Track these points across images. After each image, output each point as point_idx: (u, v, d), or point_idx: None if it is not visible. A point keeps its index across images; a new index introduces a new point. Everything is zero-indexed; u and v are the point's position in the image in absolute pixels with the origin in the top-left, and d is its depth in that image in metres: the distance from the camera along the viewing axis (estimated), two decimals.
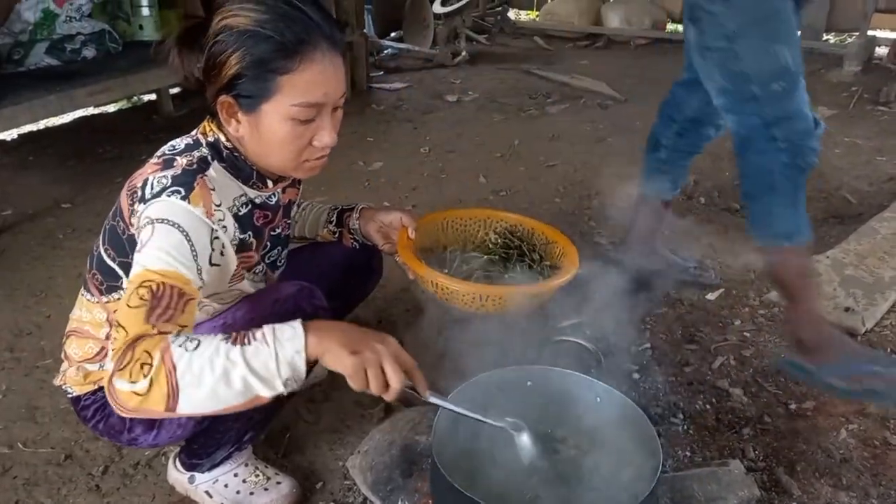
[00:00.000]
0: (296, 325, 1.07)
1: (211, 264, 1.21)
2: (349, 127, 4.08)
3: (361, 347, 1.07)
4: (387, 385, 1.08)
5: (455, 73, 5.53)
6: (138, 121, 4.39)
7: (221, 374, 1.02)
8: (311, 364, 1.08)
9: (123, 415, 1.07)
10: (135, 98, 4.76)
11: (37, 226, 2.97)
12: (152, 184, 1.19)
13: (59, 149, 3.89)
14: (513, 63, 5.79)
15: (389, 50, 6.01)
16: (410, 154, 3.80)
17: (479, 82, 5.26)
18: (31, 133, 4.14)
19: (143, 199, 1.18)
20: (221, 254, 1.26)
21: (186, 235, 1.15)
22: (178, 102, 4.53)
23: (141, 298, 1.08)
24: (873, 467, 1.62)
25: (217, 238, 1.23)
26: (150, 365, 1.02)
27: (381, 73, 5.50)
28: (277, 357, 1.04)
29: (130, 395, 1.02)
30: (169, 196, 1.16)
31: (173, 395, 1.02)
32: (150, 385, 1.01)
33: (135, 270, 1.12)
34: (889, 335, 2.09)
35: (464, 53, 5.90)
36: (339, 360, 1.07)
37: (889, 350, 2.03)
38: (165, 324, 1.08)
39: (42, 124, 4.18)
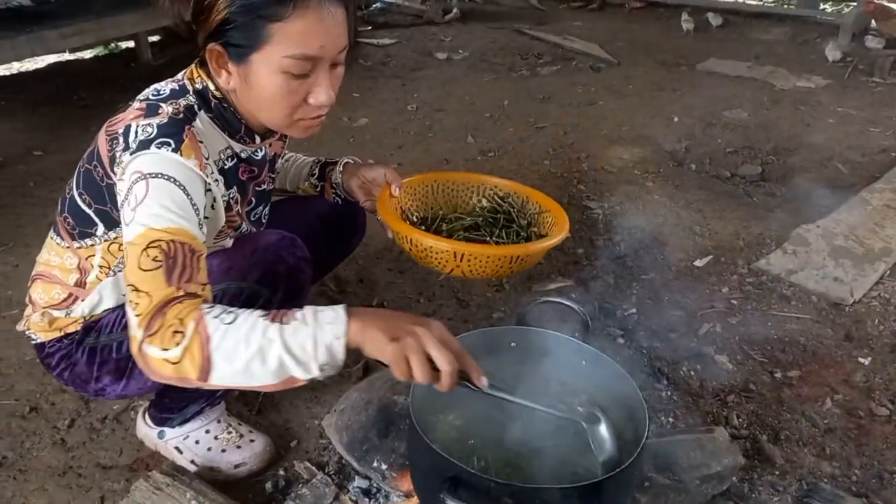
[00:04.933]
0: (338, 309, 1.01)
1: (205, 217, 1.15)
2: None
3: (401, 333, 0.99)
4: (436, 373, 0.99)
5: (445, 31, 5.38)
6: (115, 68, 4.24)
7: (257, 351, 0.96)
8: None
9: (158, 381, 1.03)
10: (112, 45, 4.59)
11: (7, 173, 2.86)
12: (136, 131, 1.10)
13: (32, 95, 3.75)
14: (505, 22, 5.64)
15: (378, 4, 5.84)
16: (397, 112, 3.70)
17: (470, 41, 5.12)
18: (1, 78, 3.98)
19: (127, 148, 1.10)
20: (212, 207, 1.20)
21: (184, 189, 1.08)
22: (158, 51, 4.37)
23: (154, 260, 1.02)
24: (857, 438, 1.60)
25: (209, 191, 1.16)
26: (183, 333, 0.97)
27: (369, 27, 5.35)
28: (316, 340, 0.97)
29: (163, 362, 0.98)
30: (159, 148, 1.08)
31: (206, 366, 0.97)
32: (183, 354, 0.96)
33: (135, 231, 1.05)
34: (877, 306, 2.07)
35: (455, 11, 5.75)
36: (379, 349, 0.99)
37: (876, 321, 2.00)
38: (188, 284, 1.03)
39: (15, 68, 4.02)
